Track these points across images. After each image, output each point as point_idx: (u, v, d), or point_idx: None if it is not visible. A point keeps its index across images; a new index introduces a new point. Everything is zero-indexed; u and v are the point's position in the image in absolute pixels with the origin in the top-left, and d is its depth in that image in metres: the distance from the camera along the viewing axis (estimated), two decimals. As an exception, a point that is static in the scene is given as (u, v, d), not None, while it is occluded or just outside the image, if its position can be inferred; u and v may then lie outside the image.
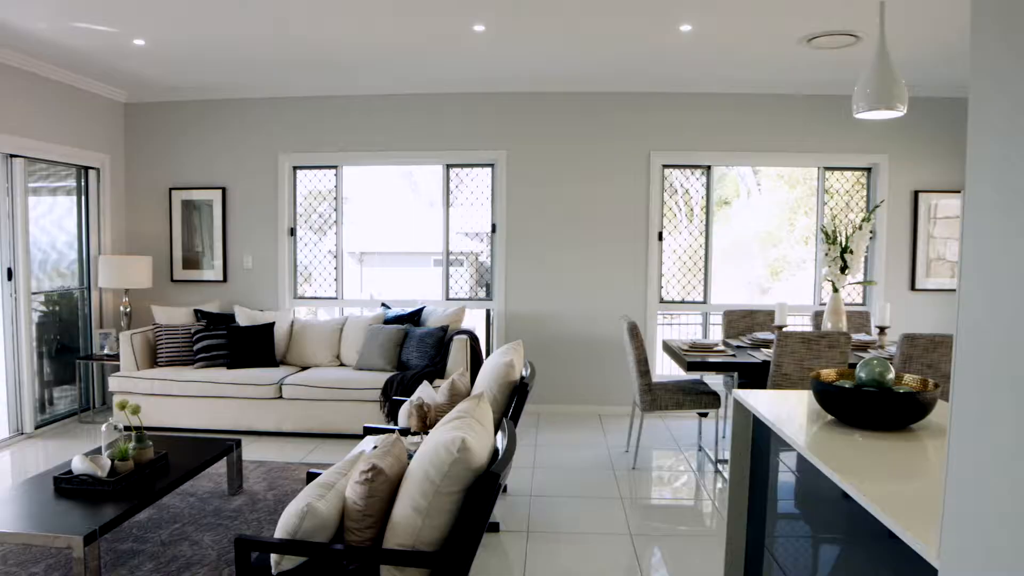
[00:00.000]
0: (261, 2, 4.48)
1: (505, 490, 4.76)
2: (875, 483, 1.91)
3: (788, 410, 2.76)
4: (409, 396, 5.12)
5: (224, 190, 6.94)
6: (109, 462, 3.81)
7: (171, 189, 7.01)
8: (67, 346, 6.55)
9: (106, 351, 6.53)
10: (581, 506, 4.49)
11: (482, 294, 7.02)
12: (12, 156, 5.78)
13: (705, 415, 5.58)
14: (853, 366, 3.59)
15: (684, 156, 6.60)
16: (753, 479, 3.02)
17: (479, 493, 2.45)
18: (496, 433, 3.10)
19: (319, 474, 3.11)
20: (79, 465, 3.75)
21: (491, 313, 6.94)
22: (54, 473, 3.83)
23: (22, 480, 3.92)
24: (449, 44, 5.36)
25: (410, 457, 2.95)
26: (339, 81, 6.49)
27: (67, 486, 3.69)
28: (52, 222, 6.34)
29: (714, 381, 6.29)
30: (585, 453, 5.56)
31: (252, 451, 5.57)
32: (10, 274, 5.83)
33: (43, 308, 6.27)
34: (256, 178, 6.91)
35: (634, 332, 5.15)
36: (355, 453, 3.39)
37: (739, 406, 2.98)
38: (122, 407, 3.99)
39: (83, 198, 6.65)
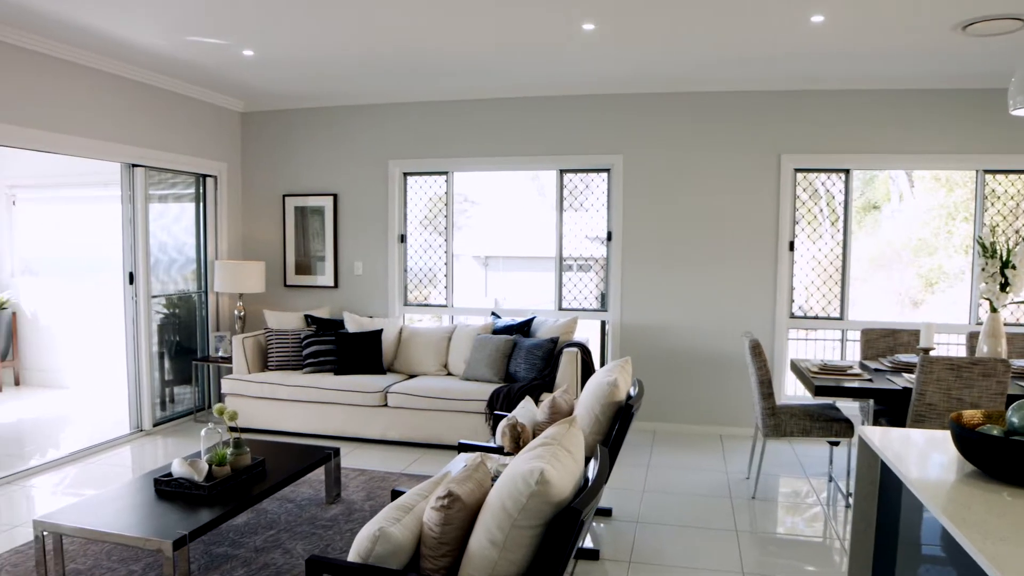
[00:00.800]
0: (364, 11, 4.39)
1: (610, 514, 4.44)
2: (1020, 554, 1.51)
3: (922, 454, 2.33)
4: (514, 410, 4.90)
5: (336, 197, 6.98)
6: (207, 466, 3.80)
7: (285, 196, 7.12)
8: (186, 347, 6.76)
9: (220, 353, 6.68)
10: (692, 537, 4.11)
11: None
12: (134, 166, 6.01)
13: (836, 444, 5.04)
14: (1015, 398, 3.06)
15: (820, 159, 6.06)
16: (881, 521, 2.60)
17: (559, 529, 2.18)
18: (590, 461, 2.82)
19: (404, 492, 2.94)
20: (178, 468, 3.76)
21: (606, 325, 6.62)
22: (156, 475, 3.86)
23: (128, 479, 3.97)
24: (558, 44, 5.11)
25: (495, 480, 2.72)
26: (448, 85, 6.37)
27: (166, 488, 3.71)
28: (172, 228, 6.56)
29: (848, 406, 5.73)
30: (701, 478, 5.15)
31: (355, 459, 5.51)
32: (132, 278, 6.06)
33: (164, 311, 6.49)
34: (367, 184, 6.91)
35: (756, 351, 4.72)
36: (443, 472, 3.19)
37: (864, 444, 2.57)
38: (220, 412, 3.98)
39: (201, 205, 6.86)
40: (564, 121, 6.43)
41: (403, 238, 6.95)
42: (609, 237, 6.46)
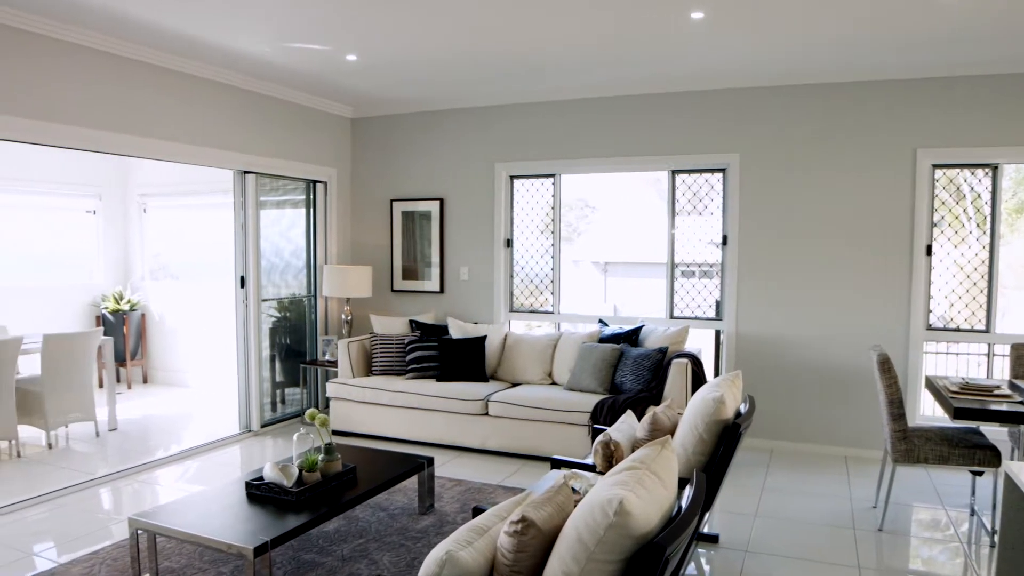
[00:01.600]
0: (465, 12, 4.26)
1: (717, 540, 4.11)
2: None
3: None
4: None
5: (442, 201, 6.93)
6: (297, 472, 3.77)
7: (392, 200, 7.14)
8: (295, 350, 6.88)
9: (327, 357, 6.75)
10: (808, 570, 3.73)
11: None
12: (245, 172, 6.15)
13: (980, 474, 4.48)
14: None
15: (962, 153, 5.46)
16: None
17: (641, 566, 1.93)
18: (685, 488, 2.55)
19: (485, 510, 2.76)
20: (269, 473, 3.75)
21: (721, 334, 6.24)
22: (248, 478, 3.85)
23: (226, 481, 3.99)
24: (665, 36, 4.81)
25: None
26: (553, 85, 6.18)
27: (256, 492, 3.71)
28: (284, 233, 6.69)
29: (996, 430, 5.11)
30: (822, 504, 4.71)
31: (453, 468, 5.40)
32: (243, 282, 6.21)
33: (275, 314, 6.63)
34: (473, 188, 6.82)
35: (885, 366, 4.25)
36: (527, 492, 3.00)
37: (1012, 482, 2.17)
38: (312, 418, 3.95)
39: (311, 210, 6.97)
40: (675, 119, 6.11)
41: (509, 242, 6.81)
42: (724, 241, 6.08)
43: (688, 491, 2.46)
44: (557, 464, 3.81)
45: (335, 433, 6.25)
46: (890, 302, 5.64)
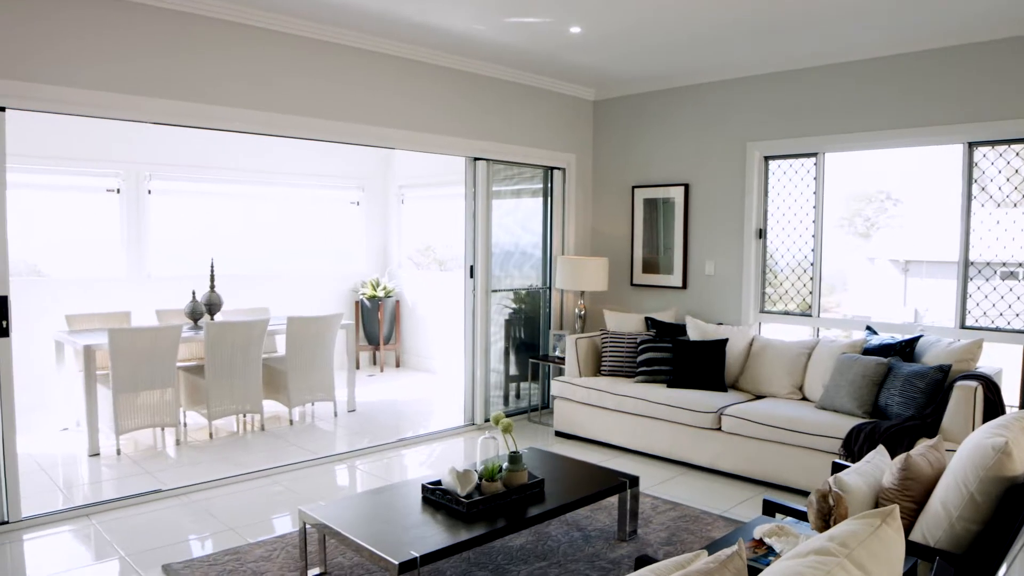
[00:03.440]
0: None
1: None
2: None
3: None
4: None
5: (687, 187, 6.24)
6: (476, 480, 3.46)
7: (633, 187, 6.59)
8: (528, 344, 6.65)
9: (557, 353, 6.41)
10: None
11: None
12: (476, 159, 5.98)
13: None
14: None
15: None
16: None
17: None
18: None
19: (653, 562, 2.21)
20: (447, 478, 3.49)
21: (1034, 352, 4.89)
22: (428, 480, 3.61)
23: (421, 476, 3.80)
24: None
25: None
26: (813, 49, 5.22)
27: (431, 497, 3.48)
28: (521, 222, 6.47)
29: None
30: None
31: (674, 487, 4.78)
32: (472, 272, 6.07)
33: (512, 306, 6.45)
34: (721, 172, 6.04)
35: None
36: (698, 553, 2.37)
37: None
38: (496, 422, 3.62)
39: (548, 199, 6.66)
40: (972, 78, 4.83)
41: (762, 233, 5.95)
42: (1041, 233, 4.74)
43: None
44: (770, 508, 3.08)
45: (557, 435, 5.91)
46: None
